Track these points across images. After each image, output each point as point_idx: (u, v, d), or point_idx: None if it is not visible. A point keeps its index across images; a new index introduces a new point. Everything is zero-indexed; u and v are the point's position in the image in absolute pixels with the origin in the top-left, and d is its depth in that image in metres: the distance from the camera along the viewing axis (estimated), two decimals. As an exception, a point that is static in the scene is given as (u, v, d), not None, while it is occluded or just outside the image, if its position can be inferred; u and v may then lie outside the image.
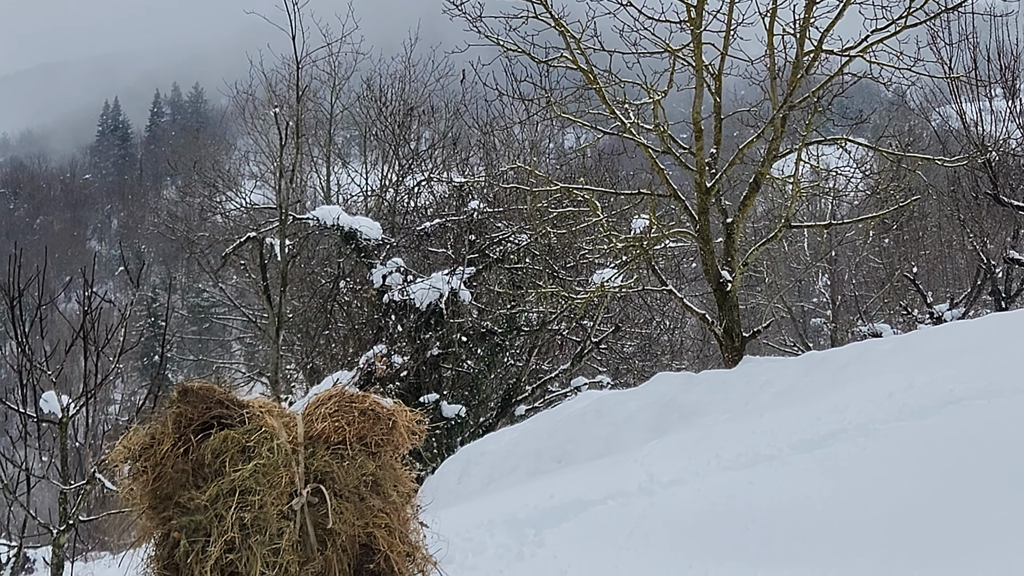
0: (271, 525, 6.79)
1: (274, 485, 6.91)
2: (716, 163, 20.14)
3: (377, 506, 7.08)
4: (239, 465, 6.98)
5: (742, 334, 19.96)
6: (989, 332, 13.45)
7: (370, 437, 7.25)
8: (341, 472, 7.07)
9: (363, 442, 7.22)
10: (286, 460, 7.01)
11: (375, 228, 25.54)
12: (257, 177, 42.97)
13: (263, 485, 6.89)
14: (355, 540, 7.03)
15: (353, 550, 7.06)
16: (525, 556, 10.04)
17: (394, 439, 7.33)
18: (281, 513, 6.85)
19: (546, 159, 34.23)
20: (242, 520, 6.76)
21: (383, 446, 7.29)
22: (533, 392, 27.35)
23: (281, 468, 6.95)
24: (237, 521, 6.76)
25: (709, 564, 9.18)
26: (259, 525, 6.79)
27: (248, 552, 6.73)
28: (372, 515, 7.07)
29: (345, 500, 7.04)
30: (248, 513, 6.79)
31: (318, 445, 7.18)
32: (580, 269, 27.39)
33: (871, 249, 36.04)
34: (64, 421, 17.35)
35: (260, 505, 6.81)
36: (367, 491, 7.10)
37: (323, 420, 7.29)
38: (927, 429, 10.25)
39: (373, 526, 7.03)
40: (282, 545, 6.76)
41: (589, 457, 14.65)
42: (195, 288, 55.89)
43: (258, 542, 6.74)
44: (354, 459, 7.15)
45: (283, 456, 7.02)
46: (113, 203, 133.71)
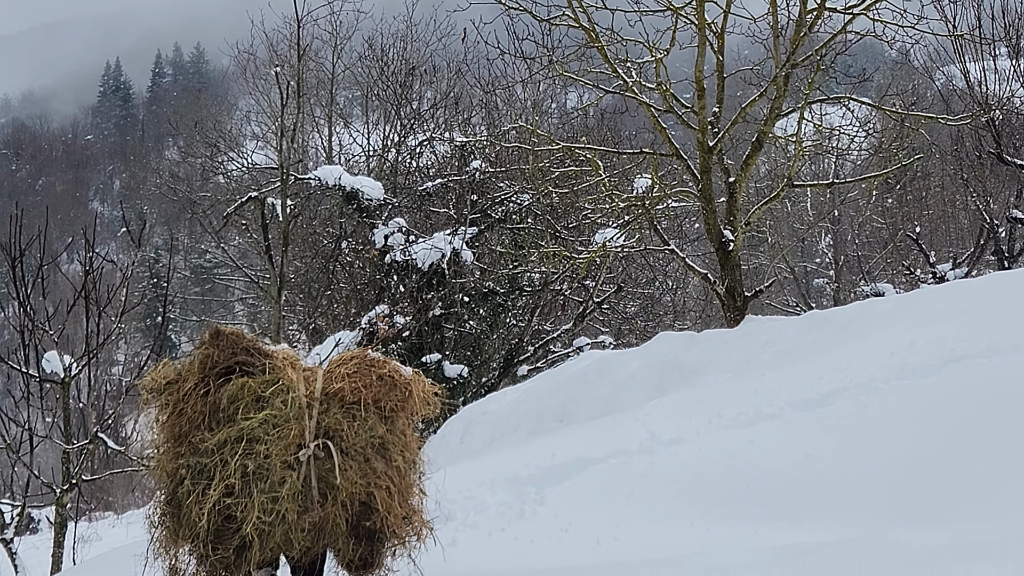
0: (274, 474, 7.29)
1: (282, 437, 7.40)
2: (718, 122, 20.06)
3: (381, 468, 7.55)
4: (251, 414, 7.40)
5: (744, 294, 19.94)
6: (991, 291, 13.44)
7: (385, 402, 7.71)
8: (351, 431, 7.53)
9: (377, 405, 7.70)
10: (298, 413, 7.49)
11: (377, 188, 25.48)
12: (259, 137, 42.87)
13: (271, 436, 7.37)
14: (356, 498, 7.47)
15: (353, 507, 7.45)
16: (526, 514, 10.06)
17: (409, 406, 7.70)
18: (286, 464, 7.35)
19: (548, 119, 34.13)
20: (245, 468, 7.26)
21: (397, 411, 7.75)
22: (535, 352, 27.36)
23: (292, 421, 7.44)
24: (240, 468, 7.26)
25: (710, 522, 9.20)
26: (262, 474, 7.30)
27: (247, 499, 7.23)
28: (375, 476, 7.52)
29: (351, 458, 7.49)
30: (252, 461, 7.29)
31: (333, 402, 7.57)
32: (582, 229, 27.33)
33: (874, 209, 35.96)
34: (66, 381, 17.40)
35: (265, 455, 7.30)
36: (373, 453, 7.58)
37: (341, 380, 7.59)
38: (929, 387, 10.25)
39: (375, 487, 7.50)
40: (282, 494, 7.27)
41: (590, 416, 14.66)
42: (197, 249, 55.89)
43: (259, 490, 7.25)
44: (365, 420, 7.62)
45: (296, 409, 7.50)
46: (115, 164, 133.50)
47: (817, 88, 20.45)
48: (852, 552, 6.98)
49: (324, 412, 7.57)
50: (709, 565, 7.35)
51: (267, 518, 7.22)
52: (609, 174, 22.73)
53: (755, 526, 8.88)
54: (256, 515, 7.18)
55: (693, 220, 30.77)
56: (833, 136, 25.33)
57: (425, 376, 8.10)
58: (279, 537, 7.32)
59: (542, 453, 11.61)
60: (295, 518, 7.32)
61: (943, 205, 35.04)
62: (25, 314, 17.75)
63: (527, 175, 25.02)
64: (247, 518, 7.19)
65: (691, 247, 30.56)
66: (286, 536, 7.33)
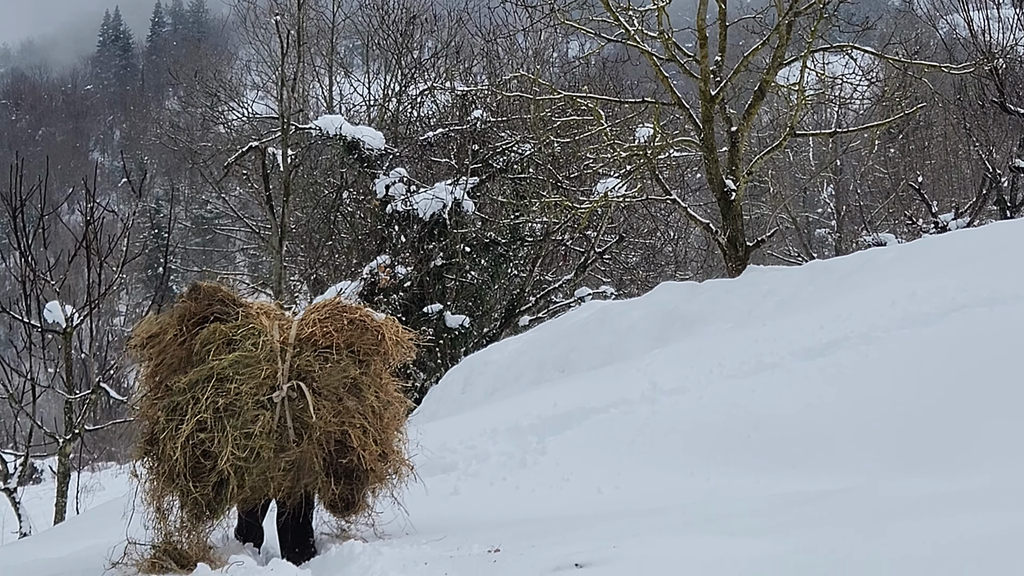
0: (246, 412, 7.77)
1: (253, 376, 7.88)
2: (721, 71, 19.98)
3: (353, 407, 8.01)
4: (223, 355, 7.88)
5: (746, 243, 19.93)
6: (992, 240, 13.40)
7: (358, 345, 8.20)
8: (323, 373, 8.00)
9: (351, 349, 8.18)
10: (270, 355, 7.97)
11: (378, 138, 25.40)
12: (259, 87, 42.65)
13: (242, 375, 7.86)
14: (331, 436, 7.92)
15: (328, 445, 7.93)
16: (528, 463, 10.09)
17: (383, 349, 8.14)
18: (258, 403, 7.83)
19: (550, 68, 33.91)
20: (216, 404, 7.76)
21: (371, 355, 8.23)
22: (536, 302, 27.34)
23: (263, 362, 7.92)
24: (211, 404, 7.76)
25: (711, 471, 9.23)
26: (233, 411, 7.78)
27: (220, 434, 7.70)
28: (348, 415, 7.98)
29: (324, 398, 7.96)
30: (223, 398, 7.79)
31: (306, 346, 8.03)
32: (584, 179, 27.23)
33: (876, 159, 35.87)
34: (68, 331, 17.43)
35: (236, 393, 7.80)
36: (345, 392, 8.04)
37: (313, 325, 8.09)
38: (930, 336, 10.25)
39: (348, 425, 7.94)
40: (255, 431, 7.73)
41: (592, 366, 14.66)
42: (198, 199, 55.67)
43: (232, 426, 7.73)
44: (338, 363, 8.09)
45: (267, 351, 7.98)
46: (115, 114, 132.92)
47: (820, 37, 20.34)
48: (853, 500, 6.99)
49: (297, 355, 8.00)
50: (710, 513, 7.36)
51: (241, 454, 7.65)
52: (611, 123, 22.66)
53: (756, 475, 8.92)
54: (230, 450, 7.60)
55: (695, 170, 30.67)
56: (835, 85, 25.21)
57: (427, 326, 8.47)
58: (257, 476, 7.75)
59: (544, 403, 11.63)
60: (271, 456, 7.74)
61: (945, 155, 34.92)
62: (26, 264, 17.77)
63: (529, 125, 24.93)
64: (222, 453, 7.60)
65: (692, 197, 30.45)
66: (264, 475, 7.77)
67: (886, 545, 5.52)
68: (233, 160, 26.41)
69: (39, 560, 9.07)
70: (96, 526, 10.66)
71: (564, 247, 28.68)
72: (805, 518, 6.66)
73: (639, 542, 6.17)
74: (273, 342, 8.01)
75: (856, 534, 5.90)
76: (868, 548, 5.51)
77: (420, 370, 23.62)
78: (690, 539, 6.19)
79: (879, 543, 5.59)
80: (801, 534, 6.10)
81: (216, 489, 7.74)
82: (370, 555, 6.94)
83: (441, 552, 6.97)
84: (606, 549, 6.00)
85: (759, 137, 34.61)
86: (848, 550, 5.49)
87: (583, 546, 6.17)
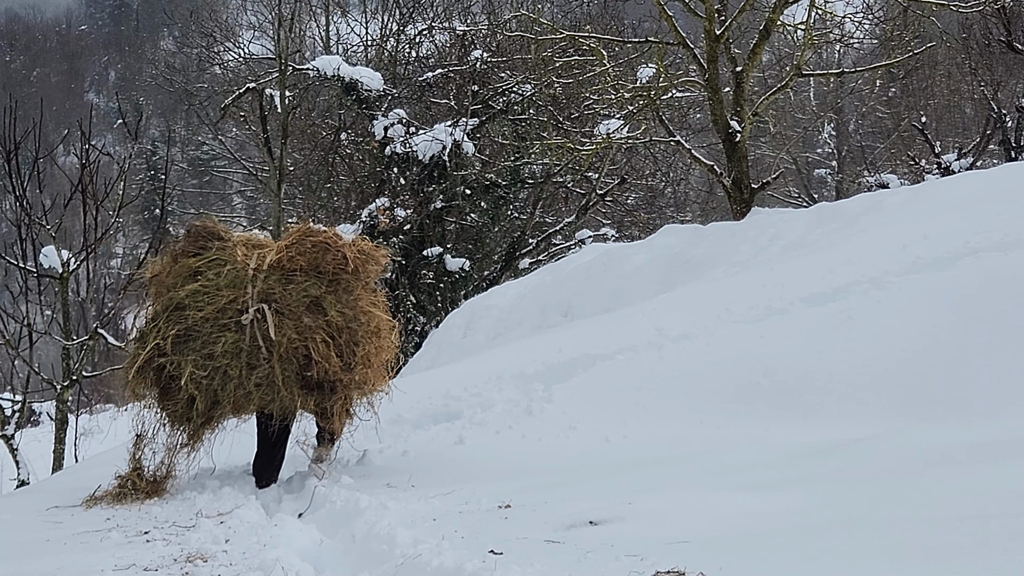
0: (204, 335, 8.60)
1: (212, 303, 8.67)
2: (725, 10, 19.69)
3: (313, 323, 8.65)
4: (185, 286, 8.80)
5: (751, 186, 19.71)
6: (1003, 183, 13.18)
7: (323, 265, 8.86)
8: (284, 293, 8.70)
9: (317, 270, 8.87)
10: (233, 283, 8.73)
11: (376, 79, 25.16)
12: (255, 27, 42.30)
13: (199, 303, 8.68)
14: (298, 352, 8.59)
15: (298, 360, 8.61)
16: (534, 412, 9.93)
17: (351, 267, 8.87)
18: (221, 326, 8.62)
19: (550, 7, 33.55)
20: (173, 331, 8.59)
21: (340, 273, 8.87)
22: (537, 245, 27.21)
23: (223, 289, 8.71)
24: (168, 331, 8.61)
25: (720, 419, 9.08)
26: (192, 335, 8.61)
27: (180, 357, 8.55)
28: (309, 331, 8.63)
29: (286, 317, 8.65)
30: (179, 325, 8.62)
31: (274, 272, 8.79)
32: (585, 120, 26.99)
33: (878, 99, 35.55)
34: (65, 276, 17.23)
35: (193, 320, 8.61)
36: (304, 310, 8.69)
37: (281, 251, 8.79)
38: (943, 281, 10.06)
39: (309, 339, 8.59)
40: (217, 351, 8.54)
41: (596, 311, 14.50)
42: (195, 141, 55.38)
43: (190, 349, 8.57)
44: (300, 283, 8.77)
45: (230, 279, 8.76)
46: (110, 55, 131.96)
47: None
48: (870, 452, 6.84)
49: (264, 280, 8.73)
50: (723, 464, 7.23)
51: (202, 372, 8.53)
52: (613, 64, 22.38)
53: (766, 423, 8.77)
54: (191, 370, 8.48)
55: (696, 111, 30.38)
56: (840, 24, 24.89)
57: (427, 270, 9.03)
58: (236, 393, 8.55)
59: (548, 349, 11.47)
60: (243, 374, 8.55)
61: (948, 95, 34.60)
62: (22, 208, 17.55)
63: (529, 65, 24.66)
64: (183, 374, 8.49)
65: (695, 138, 30.21)
66: (242, 392, 8.55)
67: (906, 501, 5.38)
68: (230, 102, 26.16)
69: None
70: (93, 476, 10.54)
71: (565, 189, 28.48)
72: (822, 471, 6.51)
73: (654, 497, 6.01)
74: (242, 270, 8.78)
75: (875, 489, 5.76)
76: (888, 504, 5.37)
77: (420, 314, 23.50)
78: (705, 494, 6.04)
79: (899, 499, 5.45)
80: (819, 489, 5.96)
81: (187, 404, 8.60)
82: (376, 510, 6.77)
83: (450, 507, 6.82)
84: (620, 505, 5.84)
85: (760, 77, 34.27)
86: (867, 507, 5.35)
87: (597, 502, 6.01)
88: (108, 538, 7.10)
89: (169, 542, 6.81)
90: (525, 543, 5.52)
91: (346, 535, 6.51)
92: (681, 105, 26.91)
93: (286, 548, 6.33)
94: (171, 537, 6.96)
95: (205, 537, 6.73)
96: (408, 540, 5.78)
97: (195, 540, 6.68)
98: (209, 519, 7.40)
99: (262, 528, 6.88)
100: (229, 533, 6.84)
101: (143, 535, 7.14)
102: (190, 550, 6.43)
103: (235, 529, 6.96)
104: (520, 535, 5.69)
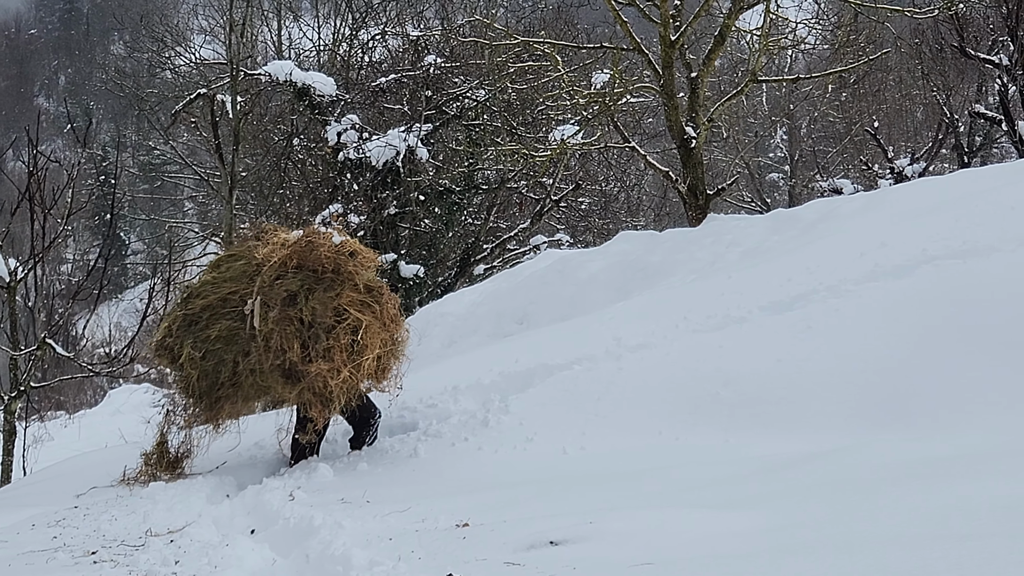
0: (204, 321, 9.79)
1: (216, 293, 9.88)
2: (681, 15, 19.62)
3: (284, 315, 9.49)
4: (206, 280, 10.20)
5: (707, 192, 19.65)
6: (961, 189, 13.13)
7: (311, 263, 9.70)
8: (271, 288, 9.64)
9: (310, 268, 9.71)
10: (239, 277, 9.92)
11: (329, 84, 24.96)
12: (207, 32, 42.01)
13: (207, 292, 9.94)
14: (275, 342, 9.47)
15: (274, 350, 9.47)
16: (491, 423, 9.79)
17: (334, 266, 9.66)
18: (221, 314, 9.79)
19: (504, 12, 33.46)
20: (184, 315, 9.92)
21: (326, 271, 9.67)
22: (492, 251, 27.08)
23: (227, 282, 9.92)
24: (178, 317, 9.98)
25: (679, 430, 8.97)
26: (194, 320, 9.87)
27: (182, 338, 9.83)
28: (282, 323, 9.51)
29: (270, 309, 9.56)
30: (184, 310, 9.97)
31: (274, 268, 9.71)
32: (539, 126, 26.89)
33: (830, 103, 35.66)
34: (12, 285, 16.93)
35: (198, 307, 9.86)
36: (280, 303, 9.55)
37: (282, 249, 9.85)
38: (902, 289, 9.97)
39: (281, 331, 9.48)
40: (212, 335, 9.71)
41: (552, 319, 14.36)
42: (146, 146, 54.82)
43: (190, 332, 9.83)
44: (288, 279, 9.65)
45: (235, 273, 9.96)
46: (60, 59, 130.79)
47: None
48: (837, 466, 6.75)
49: (264, 275, 9.71)
50: (687, 480, 7.12)
51: (197, 353, 9.72)
52: (568, 69, 22.28)
53: (726, 434, 8.67)
54: (187, 351, 9.72)
55: (650, 116, 30.35)
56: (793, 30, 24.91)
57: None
58: (228, 374, 9.67)
59: (505, 358, 11.33)
60: (236, 359, 9.65)
61: (900, 99, 34.74)
62: (-32, 215, 17.25)
63: (483, 70, 24.53)
64: (182, 353, 9.77)
65: (650, 144, 30.19)
66: (236, 375, 9.66)
67: (873, 520, 5.29)
68: (181, 107, 25.87)
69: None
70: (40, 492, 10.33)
71: (519, 195, 28.37)
72: (785, 487, 6.41)
73: (615, 516, 5.88)
74: (249, 265, 9.90)
75: (840, 506, 5.67)
76: (854, 523, 5.27)
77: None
78: (667, 513, 5.91)
79: (865, 518, 5.35)
80: (783, 507, 5.86)
81: (195, 382, 9.77)
82: (331, 528, 6.60)
83: (406, 525, 6.66)
84: (582, 525, 5.71)
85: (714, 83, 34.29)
86: (834, 526, 5.26)
87: (557, 521, 5.88)
88: (54, 559, 6.91)
89: (117, 563, 6.63)
90: (484, 565, 5.38)
91: (300, 555, 6.35)
92: (636, 110, 26.86)
93: (237, 570, 6.17)
94: (119, 558, 6.77)
95: (154, 558, 6.55)
96: (364, 561, 5.64)
97: (144, 561, 6.49)
98: (159, 538, 7.22)
99: (213, 548, 6.69)
100: (179, 553, 6.66)
101: (90, 555, 6.96)
102: (138, 573, 6.25)
103: (185, 549, 6.78)
104: (479, 556, 5.55)
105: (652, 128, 31.45)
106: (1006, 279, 9.37)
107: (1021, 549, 4.34)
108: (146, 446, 10.30)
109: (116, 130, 65.33)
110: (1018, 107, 26.22)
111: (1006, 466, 6.06)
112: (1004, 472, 5.88)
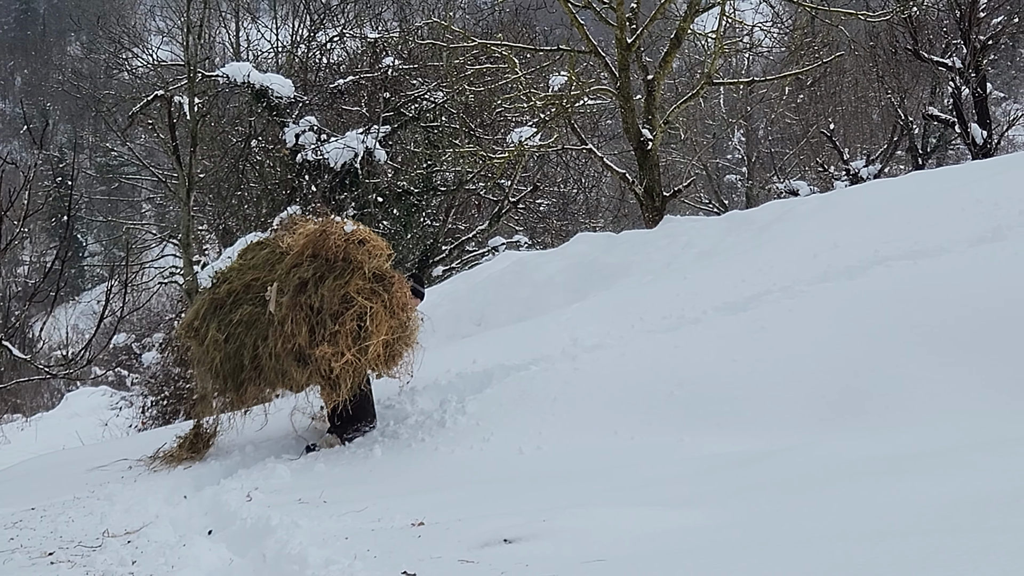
0: (228, 306, 10.29)
1: (240, 279, 10.39)
2: (637, 18, 19.73)
3: (295, 301, 9.82)
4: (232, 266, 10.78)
5: (663, 193, 19.76)
6: (913, 191, 13.27)
7: (324, 252, 9.99)
8: (286, 275, 10.01)
9: (325, 257, 9.99)
10: (261, 265, 10.41)
11: (287, 86, 24.94)
12: (164, 33, 41.85)
13: (233, 279, 10.48)
14: (291, 328, 9.76)
15: (287, 334, 9.77)
16: (447, 423, 9.87)
17: (343, 255, 9.93)
18: (244, 299, 10.22)
19: (462, 14, 33.48)
20: (211, 299, 10.46)
21: (336, 259, 9.94)
22: (450, 253, 27.12)
23: (250, 269, 10.44)
24: (206, 302, 10.52)
25: (635, 430, 9.04)
26: (220, 305, 10.39)
27: (208, 322, 10.35)
28: (291, 309, 9.84)
29: (284, 295, 9.91)
30: (211, 294, 10.52)
31: (294, 257, 10.09)
32: (497, 127, 26.95)
33: (786, 105, 35.87)
34: (-33, 287, 16.84)
35: (220, 293, 10.42)
36: (293, 289, 9.89)
37: (303, 239, 10.22)
38: (854, 290, 10.08)
39: (291, 316, 9.81)
40: (234, 319, 10.15)
41: (510, 320, 14.44)
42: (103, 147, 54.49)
43: (215, 316, 10.33)
44: (303, 267, 9.96)
45: (259, 261, 10.47)
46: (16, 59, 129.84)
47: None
48: (787, 464, 6.84)
49: (284, 263, 10.15)
50: (639, 478, 7.18)
51: (221, 336, 10.18)
52: (525, 71, 22.35)
53: (680, 433, 8.74)
54: (212, 333, 10.21)
55: (608, 118, 30.46)
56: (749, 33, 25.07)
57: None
58: (249, 357, 10.01)
59: (462, 359, 11.41)
60: (256, 343, 9.99)
61: (856, 102, 35.00)
62: (-79, 218, 17.13)
63: (441, 73, 24.57)
64: (207, 335, 10.25)
65: (607, 146, 30.29)
66: (258, 358, 9.99)
67: (824, 517, 5.37)
68: (138, 109, 25.79)
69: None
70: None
71: (477, 196, 28.42)
72: (739, 485, 6.48)
73: (569, 514, 5.94)
74: (273, 254, 10.40)
75: (792, 503, 5.75)
76: (805, 520, 5.35)
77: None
78: (621, 510, 5.98)
79: (816, 514, 5.44)
80: (736, 504, 5.93)
81: (219, 365, 10.17)
82: (288, 528, 6.65)
83: (362, 525, 6.71)
84: (536, 523, 5.77)
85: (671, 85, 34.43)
86: (785, 522, 5.33)
87: (511, 520, 5.94)
88: (11, 560, 6.91)
89: (74, 564, 6.65)
90: (439, 563, 5.44)
91: (256, 555, 6.38)
92: (593, 112, 26.96)
93: (194, 569, 6.20)
94: (76, 559, 6.79)
95: (111, 559, 6.57)
96: (320, 560, 5.68)
97: (101, 562, 6.52)
98: (116, 539, 7.23)
99: (170, 548, 6.72)
100: (136, 554, 6.69)
101: (47, 556, 6.97)
102: (95, 574, 6.27)
103: (142, 549, 6.80)
104: (434, 554, 5.61)
105: (611, 130, 31.56)
106: (956, 280, 9.47)
107: (963, 544, 4.43)
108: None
109: (73, 131, 64.88)
110: (971, 109, 26.49)
111: (951, 463, 6.16)
112: (948, 469, 5.97)
